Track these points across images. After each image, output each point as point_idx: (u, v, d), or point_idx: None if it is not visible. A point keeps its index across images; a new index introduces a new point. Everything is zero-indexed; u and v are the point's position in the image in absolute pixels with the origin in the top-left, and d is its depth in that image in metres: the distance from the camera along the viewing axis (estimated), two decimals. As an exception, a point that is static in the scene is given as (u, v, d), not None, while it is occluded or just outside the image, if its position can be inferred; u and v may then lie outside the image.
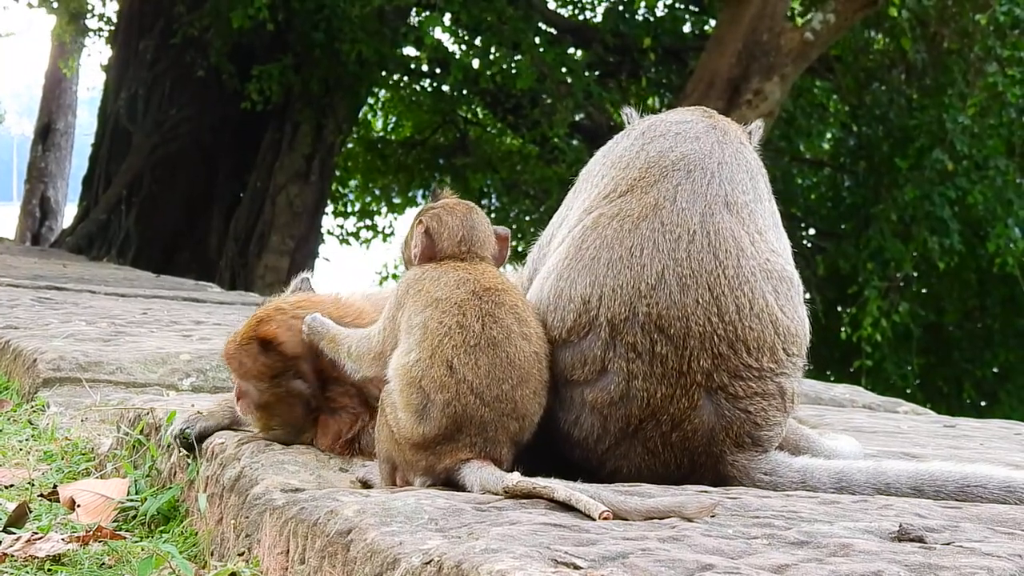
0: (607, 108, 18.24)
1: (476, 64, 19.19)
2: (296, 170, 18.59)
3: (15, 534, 2.84)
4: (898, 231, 16.79)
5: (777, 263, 2.61)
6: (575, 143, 18.79)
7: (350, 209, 23.23)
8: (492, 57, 18.88)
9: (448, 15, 18.48)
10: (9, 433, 4.01)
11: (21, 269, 10.73)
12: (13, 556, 2.70)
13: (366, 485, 2.60)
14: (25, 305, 6.58)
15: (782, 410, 2.59)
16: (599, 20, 20.30)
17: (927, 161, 16.22)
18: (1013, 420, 5.69)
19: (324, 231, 21.46)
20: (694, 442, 2.53)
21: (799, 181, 19.98)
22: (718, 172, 2.64)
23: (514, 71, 17.91)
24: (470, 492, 2.33)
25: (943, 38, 17.17)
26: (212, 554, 2.72)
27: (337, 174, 21.41)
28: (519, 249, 18.00)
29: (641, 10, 19.74)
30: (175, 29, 17.67)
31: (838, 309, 18.65)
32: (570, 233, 2.69)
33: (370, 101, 22.00)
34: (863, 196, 17.92)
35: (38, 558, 2.70)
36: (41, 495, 3.31)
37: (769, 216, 2.70)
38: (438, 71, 20.50)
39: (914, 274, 17.74)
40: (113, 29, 20.51)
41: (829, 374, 17.60)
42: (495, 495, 2.28)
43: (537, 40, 18.01)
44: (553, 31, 19.45)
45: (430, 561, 1.85)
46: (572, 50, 19.36)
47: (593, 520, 2.08)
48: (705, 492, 2.36)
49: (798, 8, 17.25)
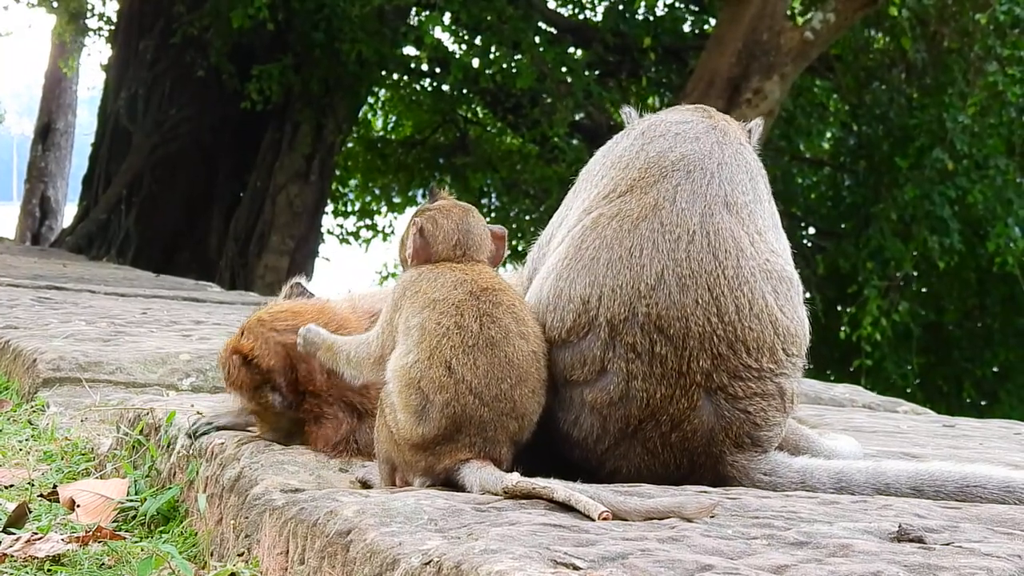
0: (607, 108, 18.24)
1: (476, 63, 19.18)
2: (296, 170, 18.59)
3: (15, 534, 2.84)
4: (898, 230, 16.78)
5: (777, 263, 2.61)
6: (575, 143, 18.78)
7: (350, 209, 23.24)
8: (492, 56, 18.88)
9: (448, 14, 18.50)
10: (9, 433, 4.01)
11: (21, 269, 10.73)
12: (13, 556, 2.70)
13: (366, 485, 2.60)
14: (25, 305, 6.57)
15: (782, 410, 2.59)
16: (599, 19, 20.29)
17: (927, 160, 16.22)
18: (1013, 420, 5.68)
19: (324, 231, 21.48)
20: (694, 442, 2.53)
21: (799, 180, 19.98)
22: (718, 172, 2.64)
23: (514, 70, 17.91)
24: (469, 492, 2.33)
25: (943, 37, 17.16)
26: (212, 554, 2.72)
27: (337, 174, 21.42)
28: (519, 249, 18.01)
29: (641, 9, 19.73)
30: (175, 29, 17.68)
31: (838, 308, 18.64)
32: (570, 233, 2.69)
33: (370, 101, 22.00)
34: (863, 195, 17.92)
35: (38, 558, 2.70)
36: (41, 495, 3.31)
37: (769, 216, 2.70)
38: (438, 71, 20.50)
39: (914, 273, 17.74)
40: (113, 29, 20.52)
41: (829, 374, 17.59)
42: (495, 495, 2.28)
43: (537, 39, 18.01)
44: (553, 30, 19.45)
45: (429, 562, 1.85)
46: (572, 49, 19.36)
47: (592, 520, 2.08)
48: (705, 492, 2.36)
49: (798, 7, 17.24)
